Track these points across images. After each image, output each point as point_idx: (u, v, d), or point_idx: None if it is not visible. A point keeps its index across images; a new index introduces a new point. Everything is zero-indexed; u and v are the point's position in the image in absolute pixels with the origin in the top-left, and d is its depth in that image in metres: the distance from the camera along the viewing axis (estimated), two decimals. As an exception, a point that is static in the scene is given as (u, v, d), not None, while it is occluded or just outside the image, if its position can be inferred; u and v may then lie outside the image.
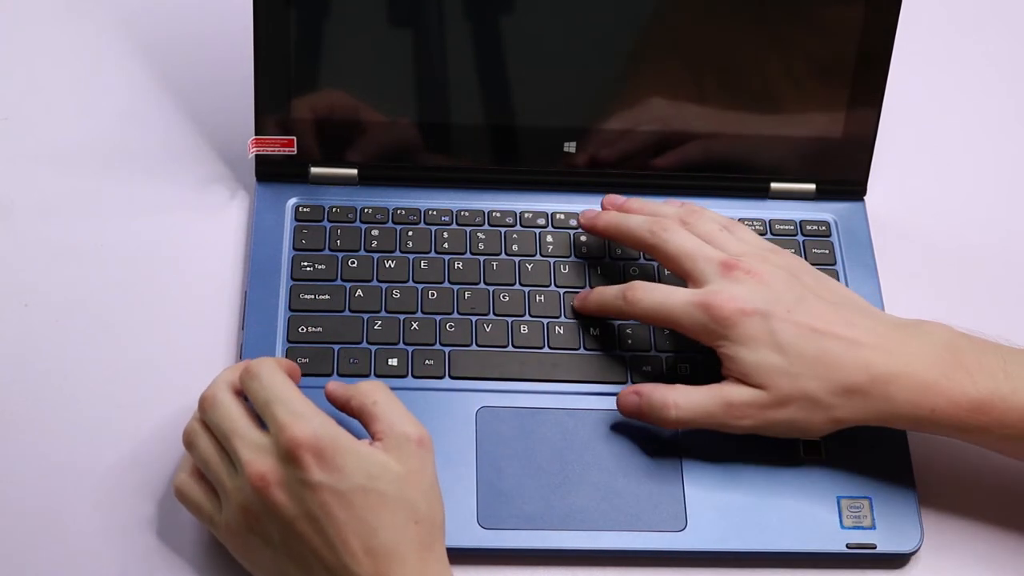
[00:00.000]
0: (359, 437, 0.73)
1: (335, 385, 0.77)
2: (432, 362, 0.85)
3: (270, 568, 0.73)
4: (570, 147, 0.92)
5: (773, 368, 0.78)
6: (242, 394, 0.76)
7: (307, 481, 0.70)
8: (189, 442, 0.76)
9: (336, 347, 0.85)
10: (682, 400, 0.79)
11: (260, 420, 0.74)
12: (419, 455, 0.73)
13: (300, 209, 0.91)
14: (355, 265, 0.88)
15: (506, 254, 0.90)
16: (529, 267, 0.89)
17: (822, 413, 0.78)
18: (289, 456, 0.71)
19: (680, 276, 0.83)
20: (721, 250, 0.82)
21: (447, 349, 0.85)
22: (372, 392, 0.75)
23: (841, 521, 0.81)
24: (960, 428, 0.78)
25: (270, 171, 0.92)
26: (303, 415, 0.72)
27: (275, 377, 0.74)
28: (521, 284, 0.89)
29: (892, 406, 0.78)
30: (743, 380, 0.79)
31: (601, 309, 0.85)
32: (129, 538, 0.79)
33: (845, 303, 0.81)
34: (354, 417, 0.76)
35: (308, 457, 0.70)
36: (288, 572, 0.72)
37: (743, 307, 0.79)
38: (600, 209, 0.88)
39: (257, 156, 0.91)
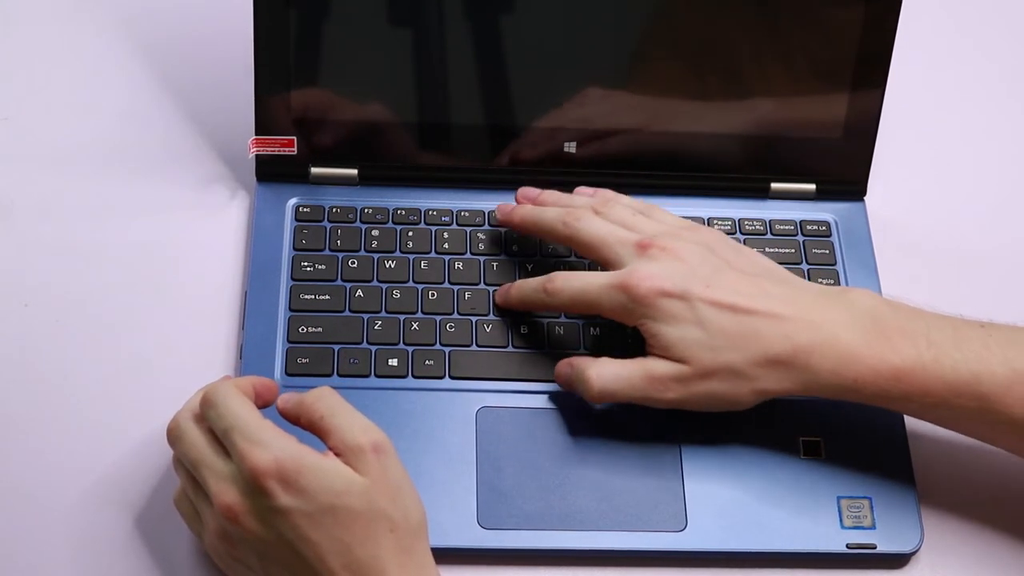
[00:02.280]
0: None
1: (284, 401, 0.75)
2: (432, 362, 0.85)
3: None
4: (570, 147, 0.92)
5: (694, 342, 0.78)
6: None
7: (275, 508, 0.70)
8: (174, 468, 0.77)
9: (336, 347, 0.85)
10: (606, 372, 0.80)
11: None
12: (378, 462, 0.71)
13: (300, 209, 0.91)
14: (355, 265, 0.88)
15: (506, 254, 0.90)
16: (529, 267, 0.89)
17: (746, 385, 0.78)
18: (253, 485, 0.70)
19: (600, 263, 0.83)
20: (636, 232, 0.83)
21: (447, 349, 0.85)
22: (318, 405, 0.73)
23: (841, 521, 0.81)
24: (883, 397, 0.78)
25: (270, 171, 0.92)
26: (261, 441, 0.70)
27: (231, 403, 0.73)
28: (521, 284, 0.89)
29: (815, 376, 0.78)
30: (666, 355, 0.79)
31: (523, 303, 0.85)
32: (129, 538, 0.79)
33: (765, 274, 0.82)
34: (302, 427, 0.74)
35: (272, 484, 0.69)
36: None
37: (661, 285, 0.79)
38: (515, 203, 0.89)
39: (257, 156, 0.91)
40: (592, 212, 0.85)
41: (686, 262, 0.80)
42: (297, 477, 0.70)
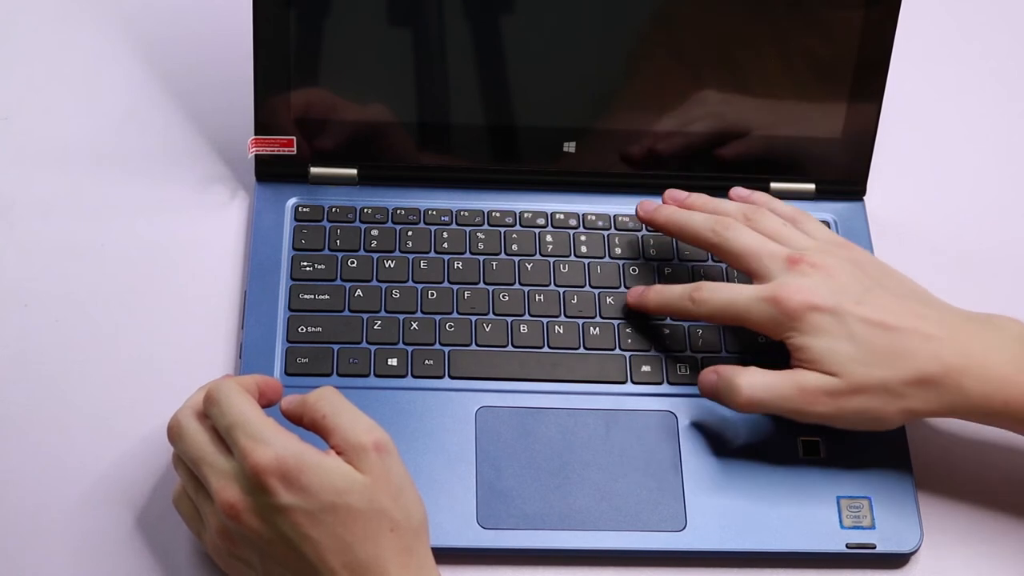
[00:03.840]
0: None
1: (287, 402, 0.75)
2: (432, 362, 0.85)
3: None
4: (570, 147, 0.92)
5: (846, 356, 0.78)
6: None
7: (276, 505, 0.70)
8: (174, 466, 0.77)
9: (336, 347, 0.85)
10: (756, 381, 0.79)
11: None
12: (380, 461, 0.71)
13: (300, 209, 0.91)
14: (355, 265, 0.88)
15: (506, 254, 0.90)
16: (529, 267, 0.89)
17: (895, 403, 0.78)
18: (255, 482, 0.70)
19: (746, 274, 0.83)
20: (786, 246, 0.82)
21: (447, 349, 0.85)
22: (320, 404, 0.73)
23: (841, 521, 0.81)
24: None
25: (270, 171, 0.92)
26: (264, 439, 0.70)
27: (234, 400, 0.72)
28: (521, 284, 0.89)
29: (965, 398, 0.77)
30: (815, 368, 0.78)
31: (664, 308, 0.85)
32: (129, 537, 0.79)
33: (912, 295, 0.81)
34: (305, 428, 0.74)
35: (273, 481, 0.69)
36: None
37: (811, 299, 0.79)
38: (660, 203, 0.88)
39: (257, 156, 0.91)
40: (742, 221, 0.84)
41: (837, 279, 0.80)
42: (299, 475, 0.70)
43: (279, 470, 0.70)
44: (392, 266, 0.89)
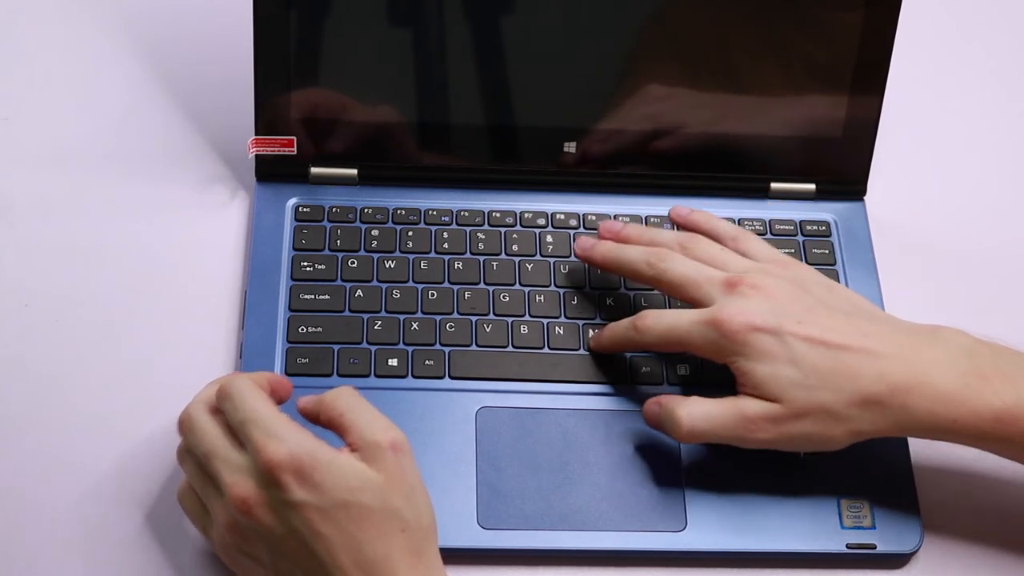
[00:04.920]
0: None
1: (304, 401, 0.75)
2: (432, 362, 0.85)
3: None
4: (570, 147, 0.92)
5: (788, 381, 0.77)
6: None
7: (289, 501, 0.69)
8: (180, 461, 0.76)
9: (336, 347, 0.85)
10: (696, 411, 0.78)
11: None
12: (396, 460, 0.71)
13: (300, 209, 0.91)
14: (355, 265, 0.88)
15: (506, 254, 0.90)
16: (529, 267, 0.89)
17: (840, 425, 0.77)
18: (268, 478, 0.70)
19: (687, 303, 0.82)
20: (724, 270, 0.81)
21: (447, 349, 0.85)
22: (338, 402, 0.73)
23: (841, 521, 0.81)
24: (981, 438, 0.77)
25: (270, 171, 0.92)
26: (278, 434, 0.70)
27: (248, 396, 0.72)
28: (521, 284, 0.89)
29: (911, 417, 0.76)
30: (757, 394, 0.78)
31: (615, 344, 0.84)
32: (129, 538, 0.79)
33: (857, 311, 0.80)
34: (322, 426, 0.74)
35: (287, 477, 0.69)
36: None
37: (752, 320, 0.78)
38: (596, 238, 0.87)
39: (257, 156, 0.91)
40: (678, 249, 0.83)
41: (777, 299, 0.79)
42: (312, 471, 0.69)
43: (293, 466, 0.69)
44: (392, 266, 0.89)
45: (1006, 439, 0.76)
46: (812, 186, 0.94)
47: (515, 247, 0.90)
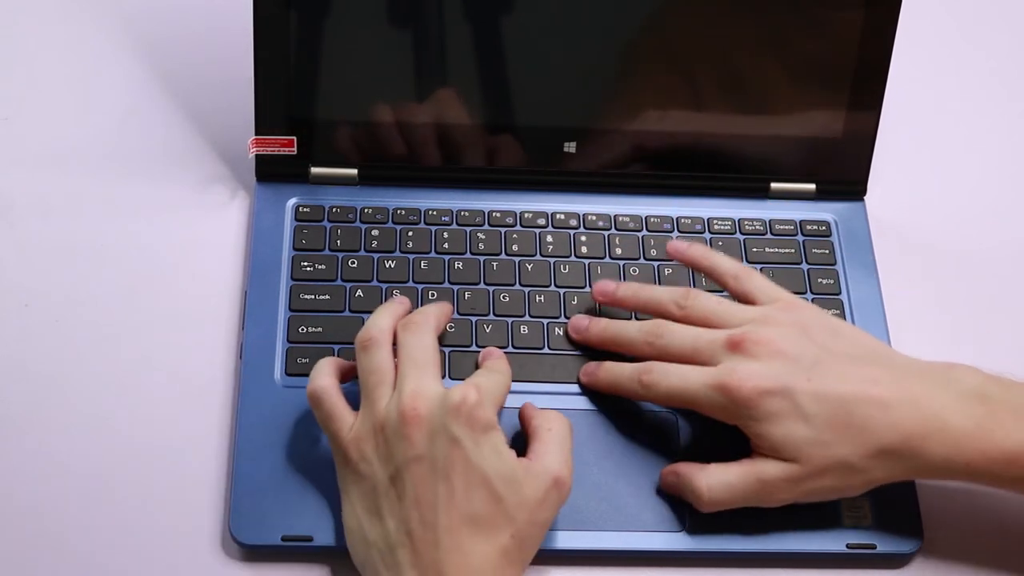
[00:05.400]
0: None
1: (531, 406, 0.80)
2: (432, 362, 0.85)
3: (362, 499, 0.74)
4: (570, 147, 0.92)
5: (803, 440, 0.76)
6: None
7: (451, 432, 0.72)
8: (367, 344, 0.77)
9: (336, 347, 0.85)
10: (715, 482, 0.78)
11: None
12: (548, 493, 0.74)
13: (300, 209, 0.91)
14: (355, 265, 0.88)
15: (506, 254, 0.90)
16: (529, 267, 0.89)
17: (858, 477, 0.76)
18: (452, 405, 0.72)
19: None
20: (724, 325, 0.80)
21: (447, 349, 0.85)
22: (554, 420, 0.77)
23: (841, 521, 0.81)
24: (996, 480, 0.76)
25: (270, 171, 0.92)
26: (488, 394, 0.74)
27: (502, 373, 0.78)
28: (521, 284, 0.89)
29: (926, 462, 0.76)
30: (773, 455, 0.77)
31: (613, 388, 0.83)
32: (129, 538, 0.79)
33: (863, 355, 0.79)
34: (526, 433, 0.78)
35: (466, 416, 0.72)
36: (373, 505, 0.73)
37: (760, 384, 0.76)
38: (592, 297, 0.86)
39: (257, 156, 0.91)
40: (675, 311, 0.82)
41: (784, 354, 0.77)
42: (483, 430, 0.72)
43: (474, 413, 0.72)
44: (392, 266, 0.89)
45: (1019, 479, 0.76)
46: (812, 186, 0.94)
47: (515, 247, 0.90)
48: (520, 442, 0.79)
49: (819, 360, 0.77)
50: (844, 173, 0.94)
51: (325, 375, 0.77)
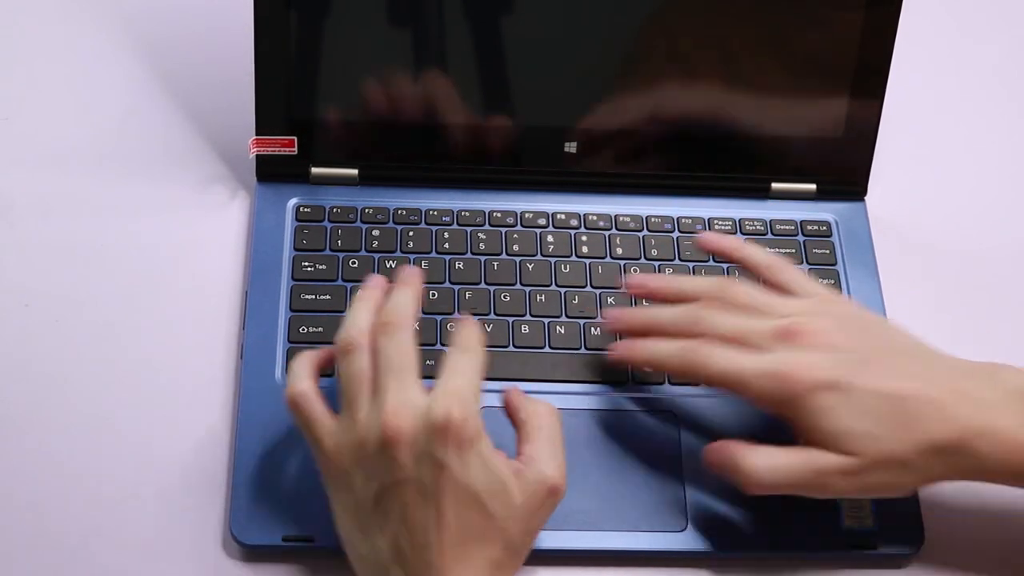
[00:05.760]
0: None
1: (517, 393, 0.77)
2: (433, 362, 0.84)
3: (347, 511, 0.72)
4: (570, 147, 0.92)
5: (859, 434, 0.74)
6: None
7: (437, 457, 0.69)
8: (347, 349, 0.74)
9: (336, 347, 0.85)
10: (763, 464, 0.76)
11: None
12: (543, 500, 0.72)
13: (301, 209, 0.91)
14: (356, 265, 0.88)
15: (507, 254, 0.90)
16: (530, 267, 0.90)
17: (913, 474, 0.75)
18: (436, 426, 0.69)
19: None
20: (769, 317, 0.78)
21: (448, 349, 0.85)
22: (545, 416, 0.75)
23: (841, 521, 0.81)
24: None
25: (271, 171, 0.92)
26: (469, 400, 0.71)
27: (475, 350, 0.74)
28: (522, 284, 0.89)
29: (981, 462, 0.75)
30: (828, 447, 0.75)
31: (653, 363, 0.81)
32: (130, 538, 0.79)
33: (910, 351, 0.78)
34: (513, 425, 0.76)
35: (452, 438, 0.69)
36: (360, 521, 0.72)
37: (817, 377, 0.74)
38: (625, 290, 0.84)
39: (258, 156, 0.91)
40: (717, 306, 0.79)
41: (837, 347, 0.76)
42: (470, 448, 0.70)
43: (462, 433, 0.69)
44: (393, 266, 0.89)
45: None
46: (813, 186, 0.94)
47: (516, 247, 0.90)
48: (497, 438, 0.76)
49: (871, 355, 0.76)
50: (844, 173, 0.94)
51: (302, 378, 0.75)
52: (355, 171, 0.92)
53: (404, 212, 0.91)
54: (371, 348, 0.74)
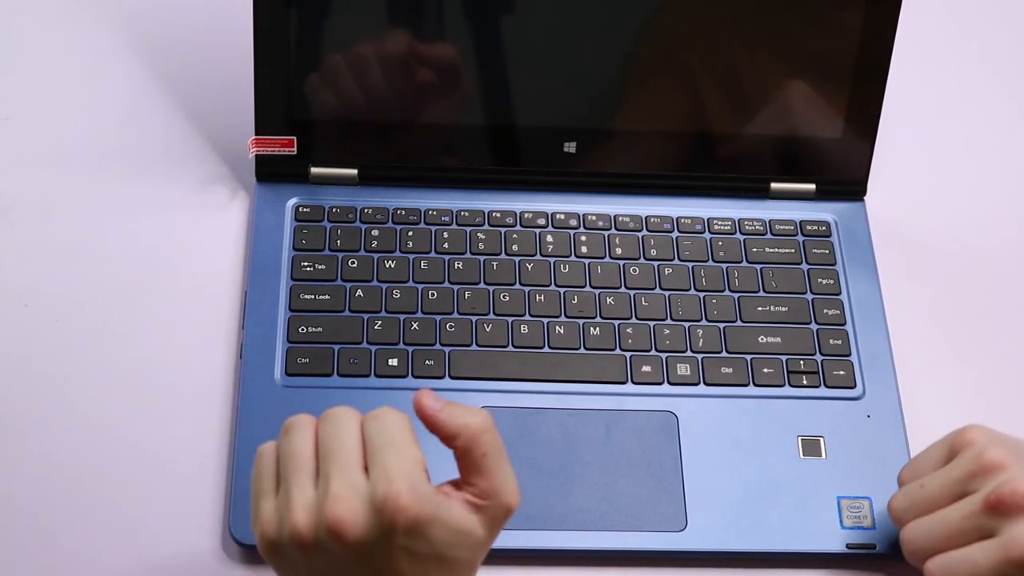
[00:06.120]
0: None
1: (436, 408, 0.68)
2: (432, 362, 0.85)
3: None
4: (570, 147, 0.92)
5: None
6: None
7: (388, 543, 0.64)
8: (287, 427, 0.68)
9: (336, 347, 0.85)
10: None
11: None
12: (502, 523, 0.68)
13: (300, 209, 0.91)
14: (355, 265, 0.88)
15: (506, 254, 0.90)
16: (529, 267, 0.90)
17: None
18: (383, 517, 0.64)
19: None
20: (958, 485, 0.75)
21: (447, 349, 0.85)
22: (484, 439, 0.67)
23: (841, 521, 0.81)
24: None
25: (270, 171, 0.92)
26: (413, 481, 0.65)
27: (399, 426, 0.67)
28: (521, 284, 0.89)
29: None
30: None
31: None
32: (129, 538, 0.79)
33: None
34: (451, 449, 0.68)
35: (402, 527, 0.64)
36: None
37: None
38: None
39: (257, 156, 0.91)
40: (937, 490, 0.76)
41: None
42: (428, 526, 0.65)
43: (414, 519, 0.64)
44: (392, 266, 0.89)
45: None
46: (812, 186, 0.94)
47: (515, 247, 0.90)
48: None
49: None
50: (844, 173, 0.94)
51: (286, 435, 0.68)
52: (354, 171, 0.92)
53: (403, 212, 0.91)
54: (314, 432, 0.68)
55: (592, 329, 0.87)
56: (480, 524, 0.67)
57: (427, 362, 0.85)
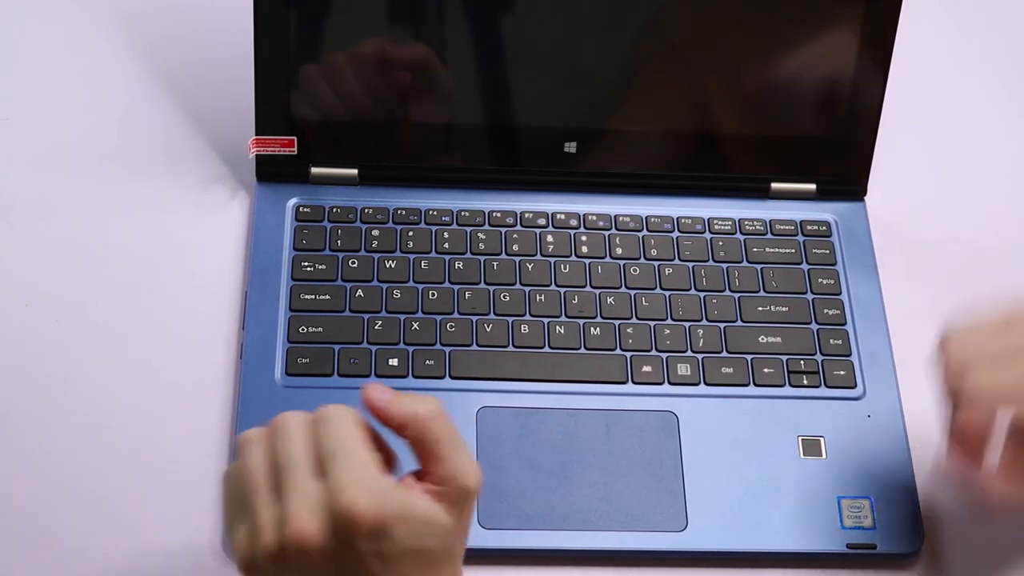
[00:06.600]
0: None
1: (383, 399, 0.67)
2: (432, 362, 0.85)
3: None
4: (570, 147, 0.92)
5: None
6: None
7: (354, 548, 0.63)
8: (242, 444, 0.67)
9: (336, 347, 0.85)
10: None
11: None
12: (470, 505, 0.66)
13: (300, 209, 0.91)
14: (355, 265, 0.88)
15: (506, 254, 0.90)
16: (529, 267, 0.90)
17: None
18: (343, 525, 0.63)
19: None
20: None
21: (447, 349, 0.85)
22: (434, 426, 0.66)
23: (841, 521, 0.81)
24: None
25: (270, 171, 0.92)
26: (367, 483, 0.64)
27: (348, 427, 0.65)
28: (521, 284, 0.89)
29: None
30: None
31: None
32: (129, 538, 0.79)
33: None
34: (403, 439, 0.67)
35: (364, 531, 0.63)
36: None
37: None
38: None
39: (257, 156, 0.91)
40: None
41: None
42: (391, 527, 0.64)
43: (374, 522, 0.63)
44: (393, 266, 0.89)
45: None
46: (812, 186, 0.94)
47: (515, 247, 0.90)
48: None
49: None
50: (844, 173, 0.94)
51: (245, 455, 0.67)
52: (355, 171, 0.92)
53: (404, 212, 0.91)
54: (266, 446, 0.67)
55: (592, 329, 0.87)
56: (444, 512, 0.66)
57: (427, 362, 0.85)
